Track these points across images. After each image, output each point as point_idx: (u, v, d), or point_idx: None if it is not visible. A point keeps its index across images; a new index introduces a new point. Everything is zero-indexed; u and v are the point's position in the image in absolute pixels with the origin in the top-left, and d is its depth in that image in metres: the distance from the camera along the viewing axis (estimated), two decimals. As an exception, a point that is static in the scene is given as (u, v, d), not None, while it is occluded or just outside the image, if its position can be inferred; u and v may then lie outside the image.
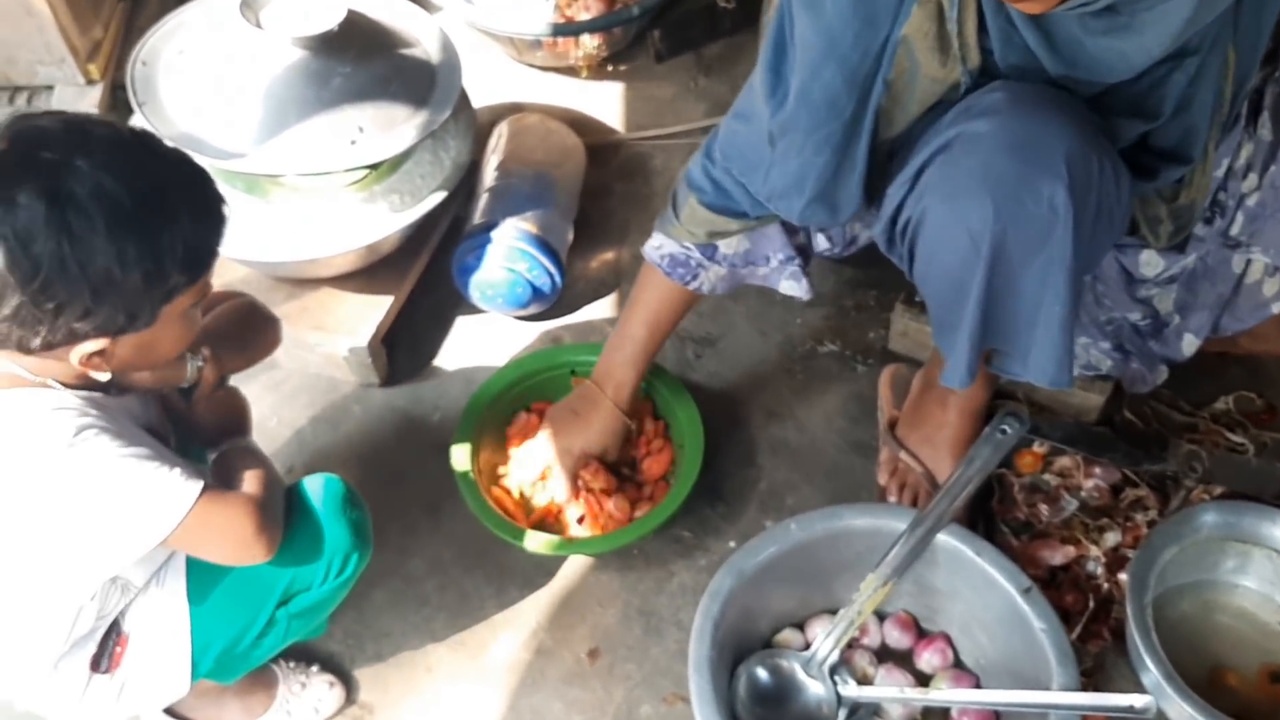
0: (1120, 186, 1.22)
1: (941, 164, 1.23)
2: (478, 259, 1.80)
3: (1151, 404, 1.72)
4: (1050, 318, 1.25)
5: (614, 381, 1.62)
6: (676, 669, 1.51)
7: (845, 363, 1.85)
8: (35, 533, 1.13)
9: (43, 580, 1.18)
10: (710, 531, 1.65)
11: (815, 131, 1.27)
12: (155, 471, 1.11)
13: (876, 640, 1.50)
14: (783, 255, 1.55)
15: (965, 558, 1.40)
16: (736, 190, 1.41)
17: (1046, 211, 1.17)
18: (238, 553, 1.19)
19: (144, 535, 1.12)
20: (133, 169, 1.05)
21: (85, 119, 1.09)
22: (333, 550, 1.27)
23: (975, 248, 1.21)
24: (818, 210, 1.35)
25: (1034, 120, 1.19)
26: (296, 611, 1.28)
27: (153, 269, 1.05)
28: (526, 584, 1.60)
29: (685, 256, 1.52)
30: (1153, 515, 1.57)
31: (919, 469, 1.61)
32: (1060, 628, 1.34)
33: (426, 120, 1.68)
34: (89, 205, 1.01)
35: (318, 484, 1.29)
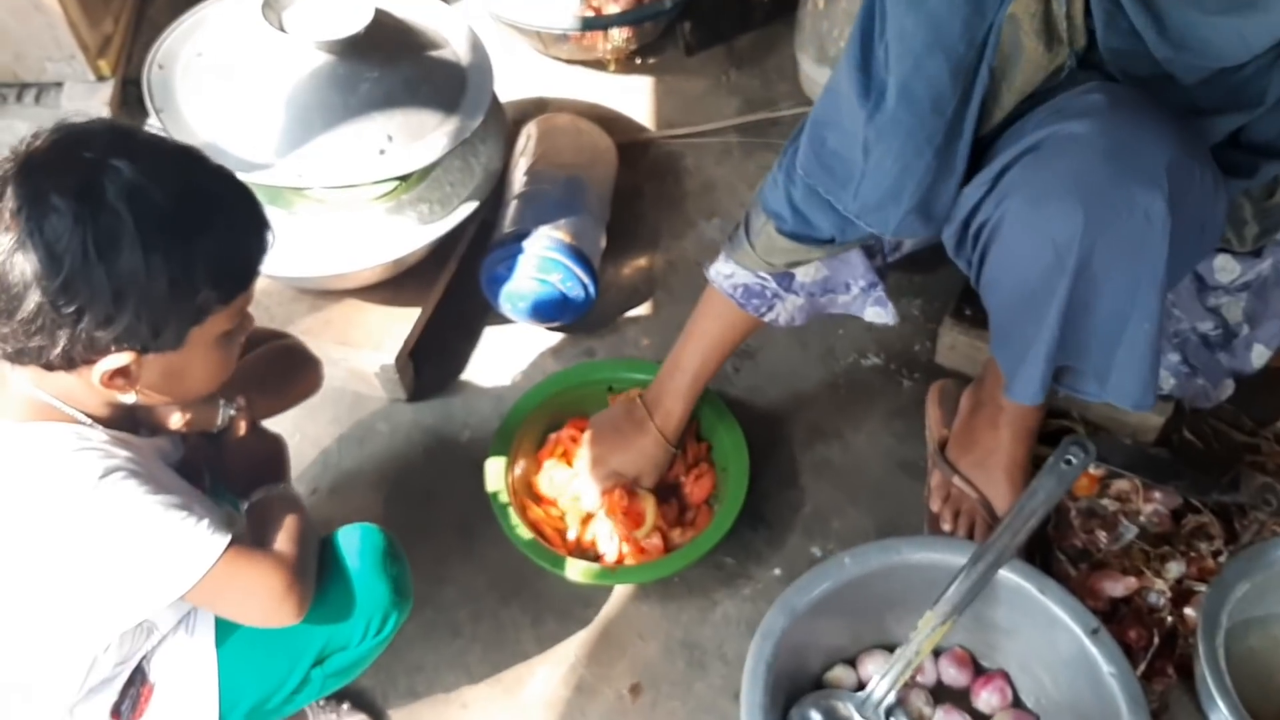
0: (1218, 198, 1.15)
1: (1028, 166, 1.15)
2: (509, 269, 1.73)
3: (1211, 422, 1.66)
4: (1136, 336, 1.17)
5: (662, 410, 1.56)
6: (722, 705, 1.45)
7: (890, 377, 1.78)
8: (53, 576, 1.07)
9: (58, 625, 1.12)
10: (753, 558, 1.59)
11: (917, 132, 1.17)
12: (181, 522, 1.06)
13: (932, 678, 1.44)
14: (865, 281, 1.46)
15: (1028, 595, 1.34)
16: (819, 213, 1.29)
17: (1142, 222, 1.10)
18: (264, 615, 1.13)
19: (163, 588, 1.06)
20: (172, 175, 1.01)
21: (131, 127, 1.06)
22: (371, 610, 1.20)
23: (1059, 258, 1.14)
24: (914, 221, 1.24)
25: (1135, 124, 1.11)
26: (332, 671, 1.22)
27: (181, 278, 1.00)
28: (564, 614, 1.54)
29: (761, 287, 1.43)
30: (1217, 545, 1.51)
31: (974, 495, 1.54)
32: (1130, 672, 1.28)
33: (458, 127, 1.60)
34: (119, 205, 0.96)
35: (355, 537, 1.22)
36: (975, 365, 1.72)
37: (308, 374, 1.37)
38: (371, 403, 1.76)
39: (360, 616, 1.20)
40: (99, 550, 1.04)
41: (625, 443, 1.56)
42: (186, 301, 1.02)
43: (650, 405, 1.57)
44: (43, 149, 0.99)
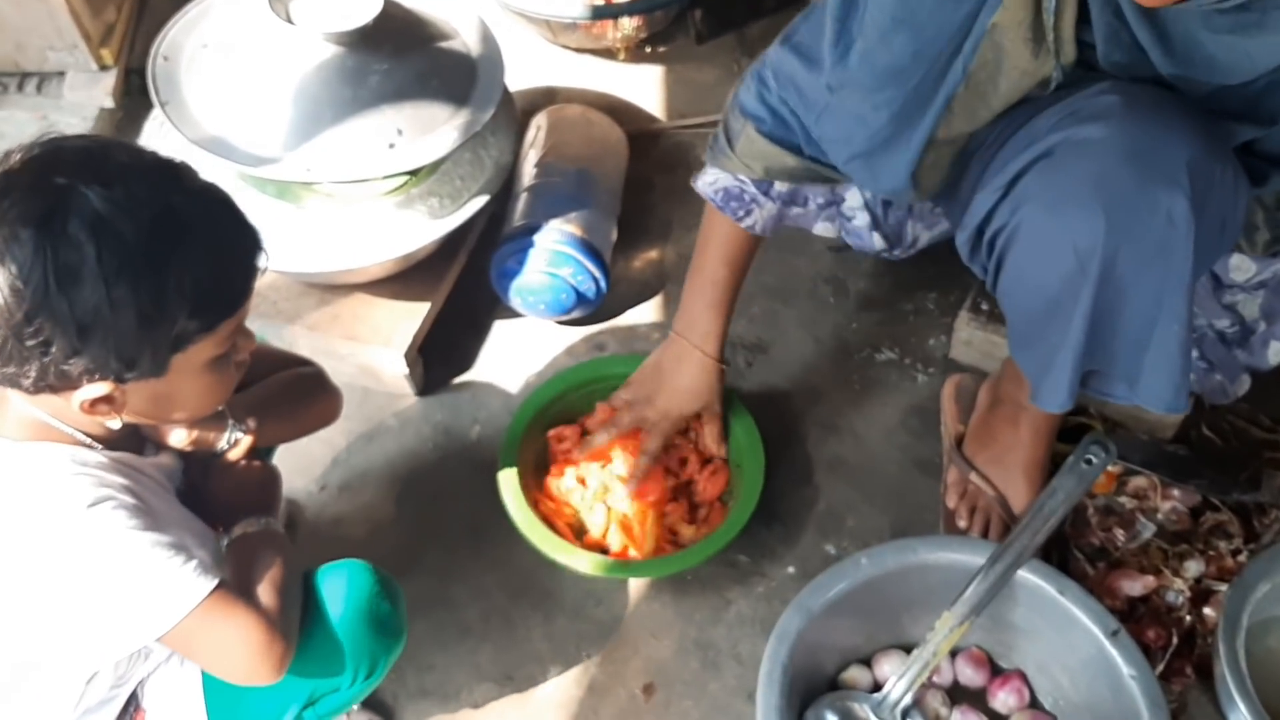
0: (1239, 194, 1.14)
1: (1043, 171, 1.14)
2: (519, 263, 1.70)
3: (1229, 419, 1.64)
4: (1166, 338, 1.15)
5: (699, 330, 1.53)
6: (736, 706, 1.44)
7: (904, 371, 1.76)
8: (35, 601, 1.04)
9: (44, 648, 1.10)
10: (767, 556, 1.57)
11: (875, 94, 1.20)
12: (166, 561, 1.01)
13: (948, 678, 1.42)
14: (822, 199, 1.49)
15: (1047, 596, 1.33)
16: (793, 120, 1.33)
17: (1165, 224, 1.08)
18: (240, 672, 1.07)
19: (140, 628, 1.02)
20: (146, 200, 0.94)
21: (112, 145, 0.99)
22: (358, 659, 1.15)
23: (1081, 265, 1.12)
24: (859, 168, 1.28)
25: (1154, 126, 1.09)
26: (325, 711, 1.18)
27: (151, 311, 0.95)
28: (576, 612, 1.53)
29: (740, 190, 1.44)
30: (1236, 543, 1.49)
31: (991, 492, 1.52)
32: (1150, 674, 1.26)
33: (469, 120, 1.58)
34: (82, 235, 0.91)
35: (340, 583, 1.16)
36: (992, 360, 1.70)
37: (326, 404, 1.33)
38: (380, 398, 1.74)
39: (348, 666, 1.15)
40: (81, 581, 1.01)
41: (674, 380, 1.55)
42: (161, 332, 0.97)
43: (685, 332, 1.54)
44: (15, 170, 0.94)
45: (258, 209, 1.55)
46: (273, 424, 1.23)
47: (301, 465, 1.65)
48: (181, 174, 1.01)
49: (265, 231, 1.07)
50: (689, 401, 1.55)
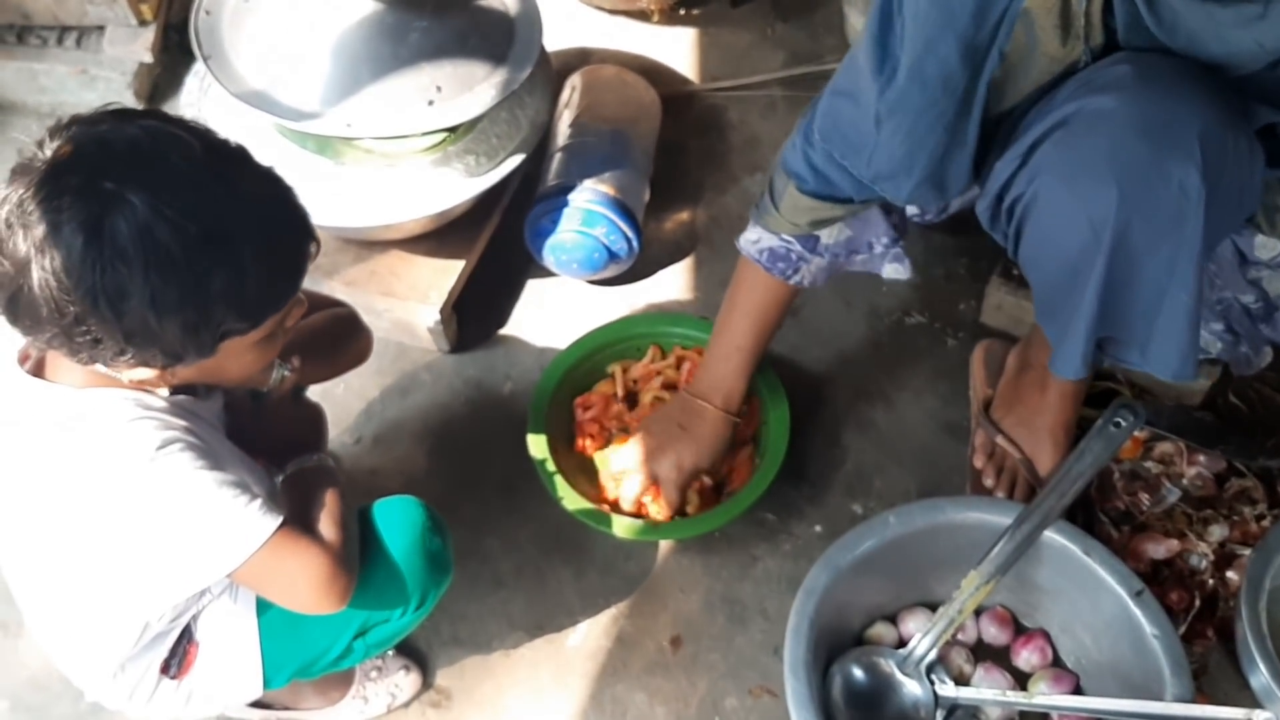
0: (1254, 165, 1.13)
1: (1059, 142, 1.14)
2: (553, 222, 1.72)
3: (1256, 387, 1.65)
4: (1175, 307, 1.16)
5: (722, 393, 1.53)
6: (762, 660, 1.47)
7: (935, 336, 1.77)
8: (106, 544, 1.08)
9: (112, 588, 1.14)
10: (795, 515, 1.59)
11: (928, 110, 1.18)
12: (233, 500, 1.04)
13: (973, 636, 1.45)
14: (886, 240, 1.47)
15: (1072, 556, 1.34)
16: (838, 174, 1.30)
17: (1176, 196, 1.08)
18: (307, 602, 1.11)
19: (211, 565, 1.06)
20: (195, 211, 0.94)
21: (165, 138, 0.97)
22: (411, 589, 1.20)
23: (1095, 235, 1.13)
24: (926, 191, 1.25)
25: (1166, 96, 1.09)
26: (374, 641, 1.23)
27: (195, 318, 0.96)
28: (606, 567, 1.55)
29: (785, 250, 1.43)
30: (1261, 509, 1.50)
31: (1016, 454, 1.54)
32: (1174, 634, 1.28)
33: (506, 79, 1.59)
34: (130, 251, 0.91)
35: (395, 514, 1.21)
36: (1022, 325, 1.71)
37: (359, 343, 1.36)
38: (415, 354, 1.77)
39: (401, 595, 1.19)
40: (152, 523, 1.04)
41: (692, 437, 1.53)
42: (205, 334, 0.99)
43: (708, 395, 1.53)
44: (65, 161, 0.93)
45: (297, 164, 1.57)
46: (312, 364, 1.26)
47: (337, 418, 1.67)
48: (236, 170, 1.00)
49: (304, 187, 1.07)
50: (704, 456, 1.54)
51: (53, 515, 1.07)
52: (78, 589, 1.14)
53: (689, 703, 1.44)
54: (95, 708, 1.42)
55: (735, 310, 1.51)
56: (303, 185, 1.07)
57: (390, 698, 1.43)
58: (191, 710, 1.25)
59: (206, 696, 1.25)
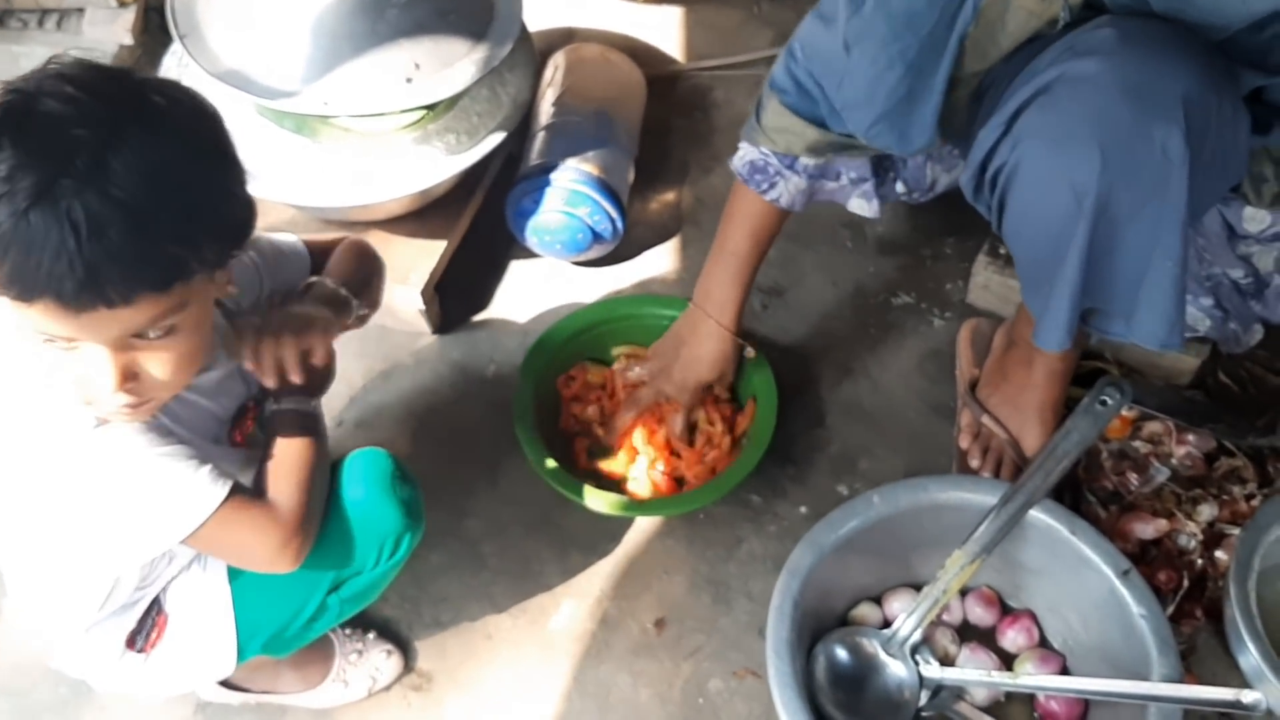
0: (1238, 129, 1.12)
1: (1041, 107, 1.13)
2: (535, 202, 1.70)
3: (1247, 366, 1.64)
4: (1160, 275, 1.15)
5: (715, 301, 1.54)
6: (747, 641, 1.45)
7: (921, 316, 1.76)
8: (59, 517, 1.08)
9: (71, 554, 1.13)
10: (780, 496, 1.58)
11: (890, 44, 1.19)
12: (180, 471, 1.04)
13: (958, 617, 1.43)
14: (855, 174, 1.49)
15: (1059, 535, 1.33)
16: (818, 93, 1.33)
17: (1160, 159, 1.07)
18: (261, 564, 1.12)
19: (161, 534, 1.06)
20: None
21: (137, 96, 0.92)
22: (383, 535, 1.20)
23: (1078, 201, 1.12)
24: (885, 131, 1.27)
25: (1149, 59, 1.08)
26: (349, 596, 1.22)
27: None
28: (589, 549, 1.54)
29: (764, 162, 1.45)
30: (1250, 488, 1.49)
31: (1003, 434, 1.52)
32: (1161, 614, 1.27)
33: (486, 56, 1.57)
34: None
35: (360, 464, 1.21)
36: (1008, 305, 1.69)
37: (379, 266, 1.37)
38: (398, 336, 1.75)
39: (372, 543, 1.19)
40: (99, 494, 1.03)
41: (692, 351, 1.56)
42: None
43: (702, 303, 1.56)
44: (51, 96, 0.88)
45: (275, 143, 1.55)
46: (368, 297, 1.30)
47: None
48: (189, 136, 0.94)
49: (282, 166, 1.06)
50: (705, 370, 1.56)
51: (10, 485, 1.07)
52: (43, 551, 1.14)
53: (673, 684, 1.43)
54: (76, 691, 1.43)
55: (729, 221, 1.53)
56: (281, 165, 1.05)
57: (371, 681, 1.42)
58: (162, 686, 1.24)
59: (177, 671, 1.24)
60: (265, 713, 1.42)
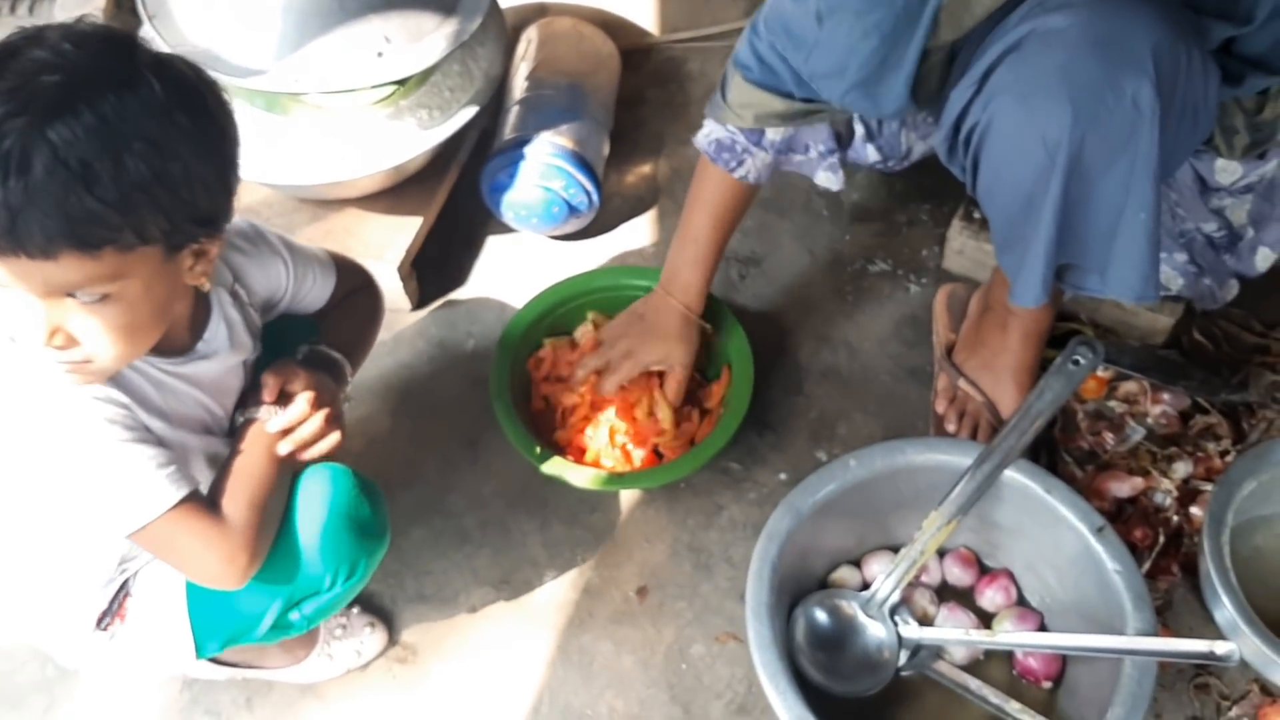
0: (1209, 80, 1.14)
1: (1012, 64, 1.14)
2: (510, 177, 1.70)
3: (1221, 324, 1.64)
4: (1133, 227, 1.16)
5: (680, 282, 1.55)
6: (728, 607, 1.47)
7: (897, 282, 1.76)
8: (19, 479, 1.10)
9: (30, 522, 1.16)
10: (759, 462, 1.59)
11: (865, 15, 1.19)
12: (139, 463, 1.04)
13: (937, 578, 1.45)
14: (824, 146, 1.49)
15: (1034, 494, 1.34)
16: (780, 65, 1.34)
17: (1130, 110, 1.08)
18: (202, 579, 1.11)
19: (111, 524, 1.06)
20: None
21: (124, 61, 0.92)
22: (336, 563, 1.17)
23: (1050, 156, 1.13)
24: (858, 98, 1.28)
25: (1117, 13, 1.10)
26: (311, 613, 1.20)
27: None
28: (571, 520, 1.55)
29: (731, 141, 1.45)
30: (1225, 444, 1.50)
31: (979, 397, 1.53)
32: (1135, 569, 1.28)
33: (457, 29, 1.57)
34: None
35: (318, 486, 1.17)
36: (984, 270, 1.70)
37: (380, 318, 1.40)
38: (375, 313, 1.75)
39: (327, 568, 1.16)
40: (58, 465, 1.04)
41: (651, 329, 1.56)
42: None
43: (667, 285, 1.56)
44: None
45: (247, 121, 1.54)
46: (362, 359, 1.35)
47: (298, 379, 1.66)
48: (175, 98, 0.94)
49: (255, 145, 1.06)
50: (656, 349, 1.56)
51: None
52: (17, 522, 1.16)
53: (656, 650, 1.44)
54: (61, 672, 1.43)
55: (693, 203, 1.53)
56: (254, 144, 1.05)
57: (356, 655, 1.43)
58: (125, 669, 1.25)
59: (138, 656, 1.23)
60: (251, 688, 1.42)
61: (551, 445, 1.55)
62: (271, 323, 1.26)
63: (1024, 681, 1.36)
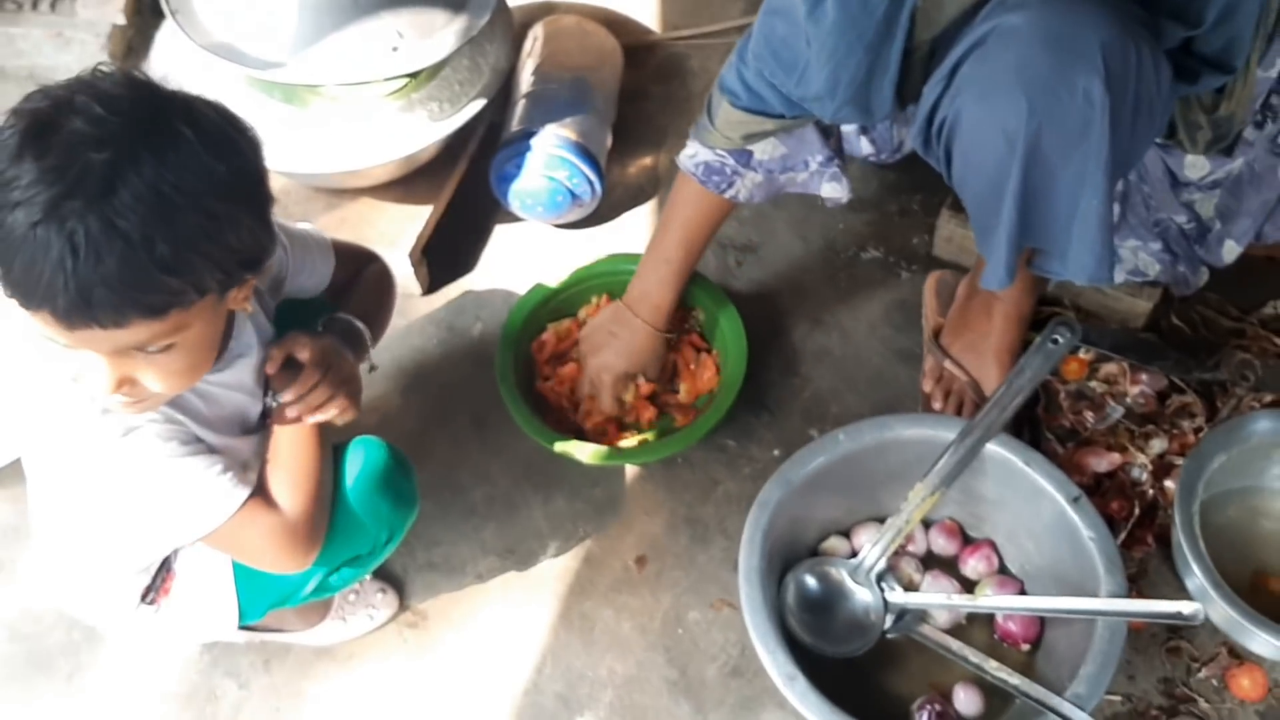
0: (1160, 77, 1.19)
1: (976, 61, 1.20)
2: (517, 167, 1.78)
3: (1199, 309, 1.70)
4: (1088, 212, 1.22)
5: (650, 304, 1.61)
6: (723, 576, 1.53)
7: (889, 269, 1.83)
8: (87, 514, 1.18)
9: (97, 545, 1.24)
10: (755, 440, 1.66)
11: (849, 29, 1.24)
12: (200, 476, 1.10)
13: (922, 547, 1.51)
14: (821, 158, 1.54)
15: (1014, 467, 1.40)
16: (769, 92, 1.38)
17: (1082, 104, 1.14)
18: (270, 567, 1.19)
19: (181, 533, 1.14)
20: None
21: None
22: (376, 531, 1.26)
23: (1010, 146, 1.19)
24: (852, 112, 1.32)
25: (1069, 11, 1.15)
26: (348, 576, 1.29)
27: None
28: (573, 494, 1.62)
29: (720, 164, 1.50)
30: (1199, 422, 1.56)
31: (964, 377, 1.60)
32: (1108, 535, 1.34)
33: (466, 25, 1.64)
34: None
35: (358, 458, 1.26)
36: (971, 257, 1.76)
37: (393, 292, 1.44)
38: (387, 297, 1.83)
39: (369, 535, 1.25)
40: (123, 498, 1.11)
41: (619, 344, 1.62)
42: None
43: (635, 305, 1.62)
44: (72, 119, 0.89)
45: (265, 113, 1.62)
46: (383, 329, 1.38)
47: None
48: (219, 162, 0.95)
49: (273, 136, 1.10)
50: (625, 365, 1.62)
51: (41, 475, 1.18)
52: (74, 535, 1.24)
53: (654, 617, 1.51)
54: (87, 636, 1.50)
55: (668, 224, 1.59)
56: (272, 135, 1.10)
57: (368, 619, 1.50)
58: (169, 639, 1.32)
59: (182, 625, 1.31)
60: (269, 650, 1.50)
61: (555, 425, 1.62)
62: (286, 308, 1.29)
63: (1004, 645, 1.42)
